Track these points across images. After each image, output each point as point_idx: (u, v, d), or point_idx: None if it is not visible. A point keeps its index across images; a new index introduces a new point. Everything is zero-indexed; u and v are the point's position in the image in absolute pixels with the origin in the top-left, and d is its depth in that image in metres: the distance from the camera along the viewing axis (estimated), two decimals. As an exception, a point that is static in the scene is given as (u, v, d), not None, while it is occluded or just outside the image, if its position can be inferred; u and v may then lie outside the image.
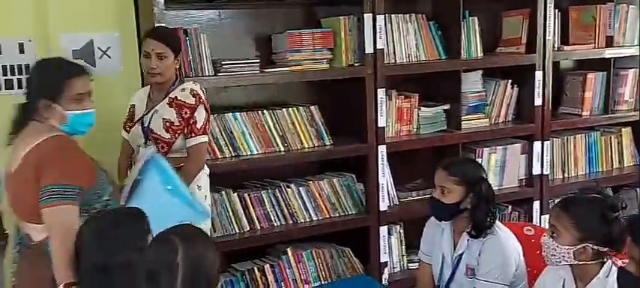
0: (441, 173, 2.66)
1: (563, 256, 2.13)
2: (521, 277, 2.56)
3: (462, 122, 3.87)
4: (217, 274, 1.75)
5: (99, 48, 3.35)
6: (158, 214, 2.11)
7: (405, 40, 3.76)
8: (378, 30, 3.56)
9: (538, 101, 4.02)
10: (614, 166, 4.46)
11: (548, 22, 3.96)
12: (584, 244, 2.10)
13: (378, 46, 3.57)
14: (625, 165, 4.49)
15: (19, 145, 2.33)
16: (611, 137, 4.43)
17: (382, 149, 3.65)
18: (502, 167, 4.06)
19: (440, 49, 3.87)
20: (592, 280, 2.15)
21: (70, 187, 2.18)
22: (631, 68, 4.36)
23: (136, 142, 3.01)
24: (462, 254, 2.60)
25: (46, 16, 3.26)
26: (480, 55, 3.95)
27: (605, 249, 2.10)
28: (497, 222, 2.59)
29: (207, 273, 1.72)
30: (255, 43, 3.69)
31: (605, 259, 2.13)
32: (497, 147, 4.03)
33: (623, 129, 4.46)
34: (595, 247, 2.10)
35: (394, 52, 3.73)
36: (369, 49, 3.56)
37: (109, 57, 3.37)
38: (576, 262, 2.13)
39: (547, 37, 3.97)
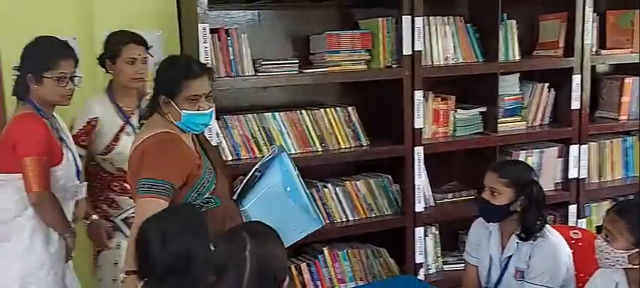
0: (491, 175, 2.66)
1: (618, 260, 2.13)
2: (570, 281, 2.56)
3: (499, 125, 3.87)
4: (285, 272, 1.78)
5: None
6: (273, 214, 2.21)
7: (443, 42, 3.77)
8: (416, 32, 3.58)
9: (575, 105, 4.00)
10: (651, 172, 4.43)
11: (586, 26, 3.94)
12: (639, 249, 2.10)
13: (416, 48, 3.59)
14: (661, 170, 4.45)
15: (139, 135, 2.53)
16: (648, 142, 4.40)
17: (419, 150, 3.66)
18: (538, 170, 4.02)
19: (477, 52, 3.87)
20: None
21: (160, 182, 2.30)
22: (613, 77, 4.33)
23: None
24: (510, 257, 2.60)
25: (92, 15, 3.33)
26: (518, 57, 3.94)
27: None
28: (546, 226, 2.58)
29: (274, 270, 1.75)
30: (293, 44, 3.72)
31: None
32: (534, 150, 4.01)
33: (659, 134, 4.43)
34: None
35: (431, 54, 3.74)
36: (407, 51, 3.57)
37: (152, 55, 3.41)
38: (630, 266, 2.12)
39: (585, 41, 3.95)
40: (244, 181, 2.57)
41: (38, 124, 2.67)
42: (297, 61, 3.51)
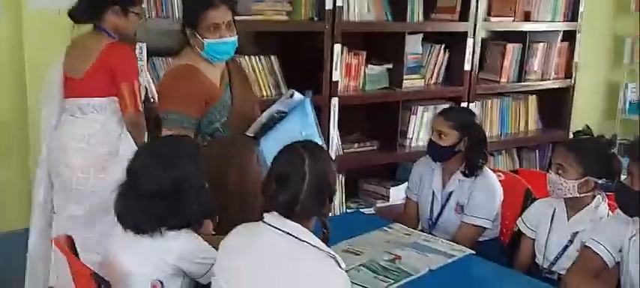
0: (439, 118, 2.92)
1: (569, 189, 2.46)
2: (498, 216, 2.89)
3: (403, 82, 4.16)
4: (335, 185, 1.94)
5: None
6: None
7: (358, 1, 3.96)
8: (341, -16, 3.74)
9: (467, 66, 4.39)
10: (521, 130, 4.97)
11: (483, -9, 4.33)
12: (586, 178, 2.45)
13: (338, 4, 3.75)
14: (529, 129, 5.01)
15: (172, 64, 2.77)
16: (520, 103, 4.92)
17: (335, 102, 3.85)
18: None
19: (387, 12, 4.11)
20: (582, 210, 2.51)
21: (178, 114, 2.49)
22: (541, 42, 4.84)
23: None
24: (451, 192, 2.89)
25: None
26: (421, 19, 4.23)
27: (602, 180, 2.46)
28: (484, 166, 2.89)
29: (329, 182, 1.91)
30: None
31: (596, 194, 2.50)
32: (429, 106, 4.35)
33: (529, 96, 4.97)
34: (595, 179, 2.46)
35: (348, 11, 3.92)
36: (329, 6, 3.73)
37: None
38: (579, 195, 2.46)
39: (479, 8, 4.33)
40: (264, 121, 2.65)
41: (132, 52, 2.92)
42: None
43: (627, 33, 5.75)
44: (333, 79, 3.82)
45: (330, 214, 1.99)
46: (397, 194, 4.24)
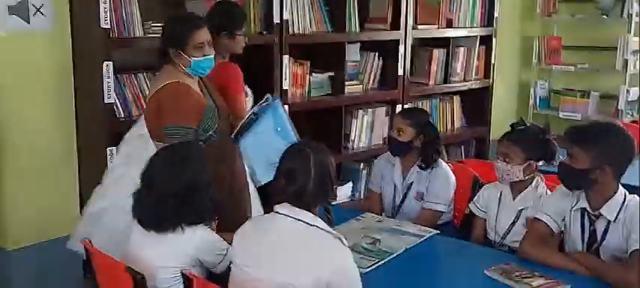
0: (398, 117, 3.24)
1: (516, 174, 2.82)
2: (451, 202, 3.24)
3: (345, 88, 4.48)
4: (335, 179, 2.21)
5: (33, 5, 3.38)
6: (265, 147, 2.77)
7: (302, 14, 4.25)
8: (284, 3, 4.01)
9: (400, 71, 4.76)
10: (448, 128, 5.40)
11: (408, 3, 4.71)
12: (529, 162, 2.82)
13: (285, 17, 4.02)
14: (455, 127, 5.45)
15: (153, 83, 2.94)
16: (446, 103, 5.35)
17: (285, 109, 4.10)
18: (371, 127, 4.74)
19: (327, 24, 4.42)
20: (525, 190, 2.88)
21: (183, 127, 2.70)
22: (462, 47, 5.29)
23: None
24: (411, 183, 3.20)
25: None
26: (358, 30, 4.57)
27: (541, 163, 2.84)
28: (439, 158, 3.22)
29: (330, 175, 2.17)
30: (168, 7, 3.90)
31: (535, 175, 2.88)
32: (368, 110, 4.69)
33: (454, 97, 5.41)
34: (535, 162, 2.83)
35: (293, 24, 4.20)
36: (276, 20, 3.99)
37: (43, 14, 3.42)
38: (525, 178, 2.83)
39: (408, 17, 4.72)
40: (242, 123, 2.93)
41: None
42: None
43: (534, 35, 6.32)
44: (283, 87, 4.09)
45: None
46: (343, 193, 4.54)
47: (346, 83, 4.51)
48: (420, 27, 4.93)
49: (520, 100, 6.53)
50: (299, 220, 2.10)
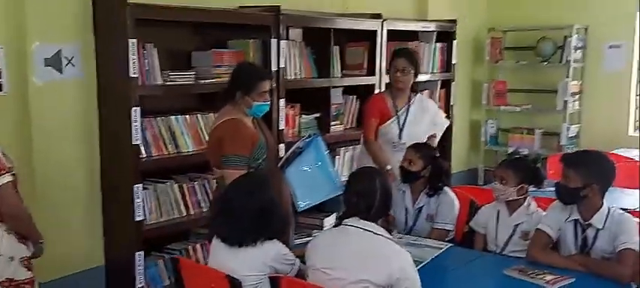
0: (410, 150, 3.72)
1: (510, 194, 3.35)
2: (456, 221, 3.73)
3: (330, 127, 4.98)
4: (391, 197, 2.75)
5: (65, 57, 3.75)
6: (306, 177, 3.26)
7: (292, 61, 4.75)
8: (281, 52, 4.50)
9: (375, 112, 5.29)
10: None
11: (382, 52, 5.28)
12: (521, 185, 3.36)
13: (281, 65, 4.51)
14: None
15: (217, 117, 3.43)
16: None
17: (281, 147, 4.56)
18: (351, 162, 5.24)
19: (314, 70, 4.93)
20: (519, 208, 3.40)
21: (239, 157, 3.21)
22: (426, 89, 5.88)
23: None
24: (421, 207, 3.69)
25: (23, 28, 3.59)
26: (340, 76, 5.10)
27: (531, 186, 3.40)
28: (445, 186, 3.72)
29: (390, 195, 2.71)
30: (175, 58, 4.32)
31: (527, 196, 3.42)
32: (349, 147, 5.21)
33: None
34: (527, 185, 3.38)
35: (286, 71, 4.68)
36: (274, 67, 4.47)
37: (73, 65, 3.79)
38: (516, 197, 3.37)
39: (382, 64, 5.28)
40: (287, 155, 3.46)
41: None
42: (194, 72, 4.17)
43: (482, 79, 7.01)
44: (280, 127, 4.55)
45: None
46: (329, 223, 5.00)
47: (331, 123, 5.02)
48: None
49: (472, 137, 7.19)
50: (367, 230, 2.61)
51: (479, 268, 3.15)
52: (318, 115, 5.00)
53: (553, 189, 3.15)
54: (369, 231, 2.62)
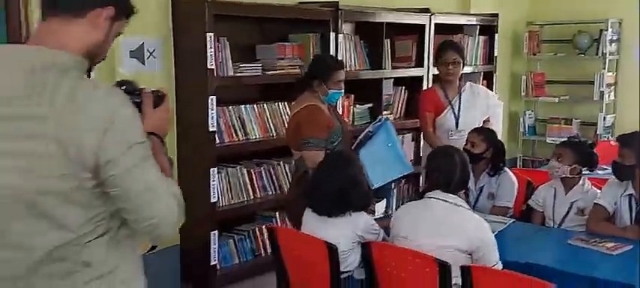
0: (472, 134, 3.98)
1: (564, 171, 3.60)
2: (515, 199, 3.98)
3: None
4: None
5: (147, 50, 4.06)
6: (378, 159, 3.44)
7: (349, 54, 5.03)
8: (339, 45, 4.78)
9: (423, 102, 5.56)
10: (457, 152, 6.20)
11: (430, 45, 5.54)
12: (574, 166, 3.62)
13: (339, 57, 4.78)
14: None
15: (295, 104, 3.71)
16: (456, 130, 6.16)
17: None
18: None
19: (367, 62, 5.21)
20: (575, 186, 3.65)
21: (318, 139, 3.49)
22: (469, 81, 6.12)
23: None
24: (483, 186, 3.96)
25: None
26: (391, 68, 5.37)
27: (585, 168, 3.66)
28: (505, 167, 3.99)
29: (468, 170, 3.02)
30: (244, 52, 4.61)
31: (581, 175, 3.66)
32: (399, 136, 5.44)
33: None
34: (581, 167, 3.64)
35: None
36: (335, 60, 4.75)
37: (154, 57, 4.10)
38: (570, 176, 3.62)
39: (430, 56, 5.54)
40: (359, 138, 3.74)
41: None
42: (260, 65, 4.47)
43: (521, 71, 7.25)
44: (339, 117, 4.83)
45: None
46: (379, 208, 5.27)
47: (382, 113, 5.28)
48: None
49: (510, 127, 7.43)
50: (449, 202, 2.88)
51: (544, 239, 3.41)
52: (370, 105, 5.27)
53: (601, 172, 3.39)
54: (451, 202, 2.90)
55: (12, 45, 1.56)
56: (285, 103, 4.63)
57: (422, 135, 4.75)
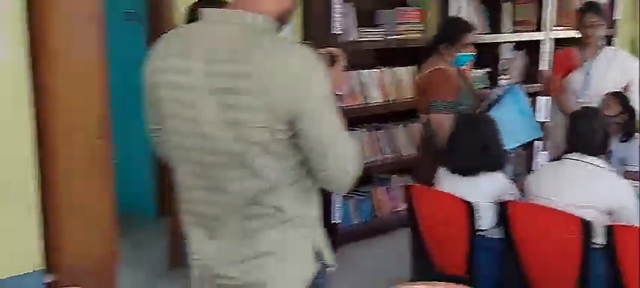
0: (608, 96, 3.92)
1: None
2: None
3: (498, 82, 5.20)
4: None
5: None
6: (506, 122, 3.37)
7: (468, 16, 4.97)
8: (460, 9, 4.75)
9: (542, 66, 5.45)
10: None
11: (551, 8, 5.40)
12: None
13: (458, 19, 4.75)
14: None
15: (423, 67, 3.71)
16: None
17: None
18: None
19: (487, 25, 5.15)
20: None
21: (447, 102, 3.53)
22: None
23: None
24: (611, 151, 3.89)
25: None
26: (511, 31, 5.29)
27: None
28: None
29: (608, 135, 3.08)
30: (363, 17, 4.66)
31: None
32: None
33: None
34: None
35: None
36: (454, 22, 4.72)
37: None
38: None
39: (551, 20, 5.41)
40: (488, 102, 3.78)
41: None
42: (382, 30, 4.51)
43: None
44: (456, 80, 4.82)
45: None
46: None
47: (498, 78, 5.23)
48: (558, 29, 5.60)
49: None
50: (588, 163, 2.87)
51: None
52: (488, 69, 5.21)
53: None
54: (590, 163, 2.90)
55: (222, 9, 1.74)
56: (405, 68, 4.67)
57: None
